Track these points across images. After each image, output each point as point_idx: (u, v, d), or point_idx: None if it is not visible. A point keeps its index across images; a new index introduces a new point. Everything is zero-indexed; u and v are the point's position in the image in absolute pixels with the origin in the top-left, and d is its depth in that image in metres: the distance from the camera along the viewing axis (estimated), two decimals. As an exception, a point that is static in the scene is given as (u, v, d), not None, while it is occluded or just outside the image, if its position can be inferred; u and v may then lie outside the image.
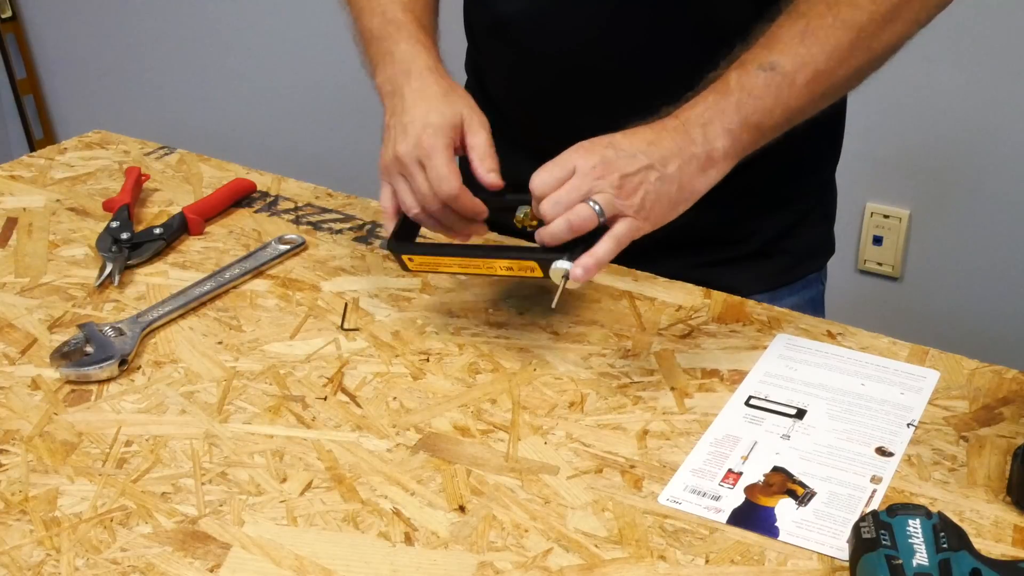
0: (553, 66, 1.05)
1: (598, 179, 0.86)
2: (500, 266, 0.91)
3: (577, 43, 1.03)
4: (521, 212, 0.93)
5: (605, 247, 0.86)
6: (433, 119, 0.93)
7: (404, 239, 0.97)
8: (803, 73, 0.89)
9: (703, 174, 0.88)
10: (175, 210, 1.17)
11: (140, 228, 1.13)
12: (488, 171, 0.93)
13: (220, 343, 0.96)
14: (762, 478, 0.80)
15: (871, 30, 0.90)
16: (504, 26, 1.08)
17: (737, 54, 0.91)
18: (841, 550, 0.73)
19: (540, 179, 0.88)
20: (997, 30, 1.83)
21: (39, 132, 2.99)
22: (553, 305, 0.90)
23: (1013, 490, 0.77)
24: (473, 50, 1.19)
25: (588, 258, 0.86)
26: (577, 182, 0.87)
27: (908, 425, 0.85)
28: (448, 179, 0.91)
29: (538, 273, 0.89)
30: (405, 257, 0.95)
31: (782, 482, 0.80)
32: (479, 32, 1.15)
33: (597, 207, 0.86)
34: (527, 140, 0.97)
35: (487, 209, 0.94)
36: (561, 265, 0.87)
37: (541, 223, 0.88)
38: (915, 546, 0.67)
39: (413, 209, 0.94)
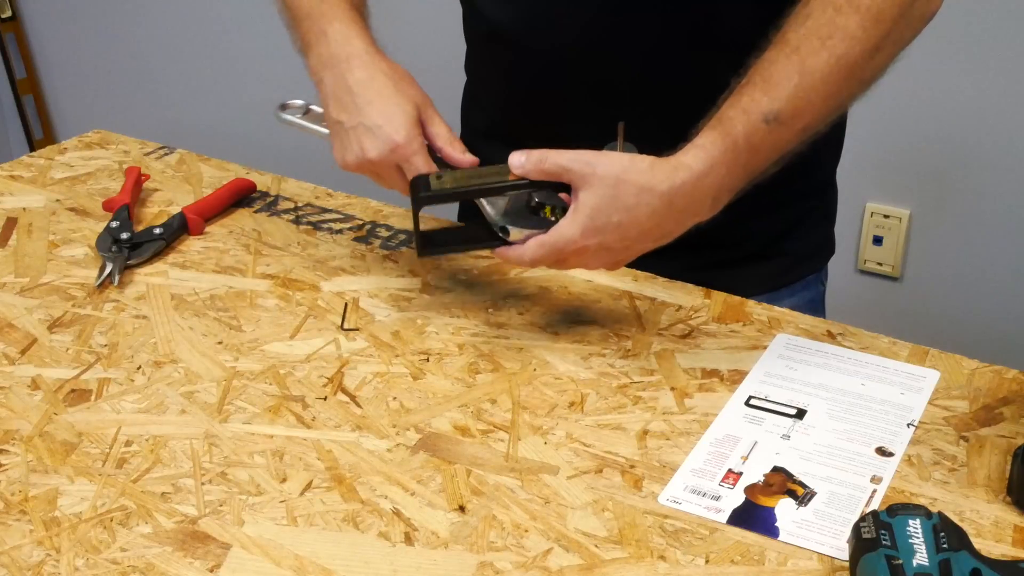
0: (547, 72, 1.05)
1: (577, 253, 0.89)
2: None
3: (570, 49, 1.03)
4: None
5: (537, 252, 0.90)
6: (398, 119, 0.93)
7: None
8: (800, 120, 0.89)
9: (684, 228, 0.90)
10: (175, 210, 1.17)
11: (140, 228, 1.13)
12: (462, 153, 0.95)
13: (220, 343, 0.96)
14: (762, 478, 0.80)
15: (862, 63, 0.89)
16: (498, 32, 1.08)
17: (735, 89, 0.90)
18: (841, 550, 0.73)
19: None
20: (997, 30, 1.83)
21: (39, 132, 2.99)
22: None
23: (1013, 490, 0.77)
24: (471, 55, 1.19)
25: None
26: (564, 251, 0.89)
27: (908, 425, 0.85)
28: None
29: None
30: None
31: (782, 482, 0.80)
32: (475, 38, 1.15)
33: None
34: (522, 144, 0.97)
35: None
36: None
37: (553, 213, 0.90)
38: (915, 546, 0.67)
39: None
